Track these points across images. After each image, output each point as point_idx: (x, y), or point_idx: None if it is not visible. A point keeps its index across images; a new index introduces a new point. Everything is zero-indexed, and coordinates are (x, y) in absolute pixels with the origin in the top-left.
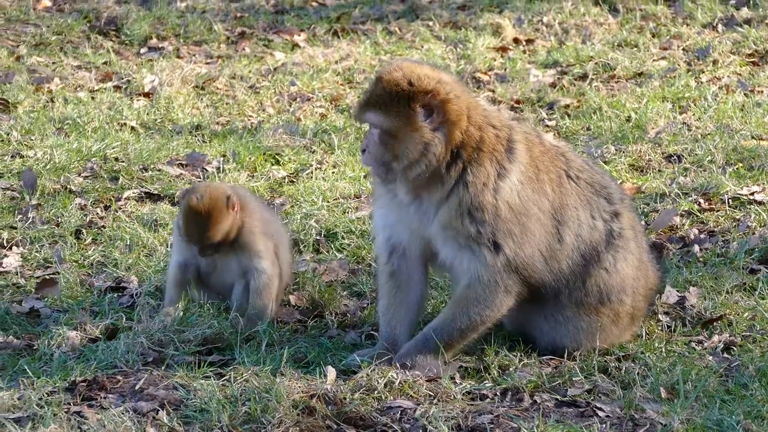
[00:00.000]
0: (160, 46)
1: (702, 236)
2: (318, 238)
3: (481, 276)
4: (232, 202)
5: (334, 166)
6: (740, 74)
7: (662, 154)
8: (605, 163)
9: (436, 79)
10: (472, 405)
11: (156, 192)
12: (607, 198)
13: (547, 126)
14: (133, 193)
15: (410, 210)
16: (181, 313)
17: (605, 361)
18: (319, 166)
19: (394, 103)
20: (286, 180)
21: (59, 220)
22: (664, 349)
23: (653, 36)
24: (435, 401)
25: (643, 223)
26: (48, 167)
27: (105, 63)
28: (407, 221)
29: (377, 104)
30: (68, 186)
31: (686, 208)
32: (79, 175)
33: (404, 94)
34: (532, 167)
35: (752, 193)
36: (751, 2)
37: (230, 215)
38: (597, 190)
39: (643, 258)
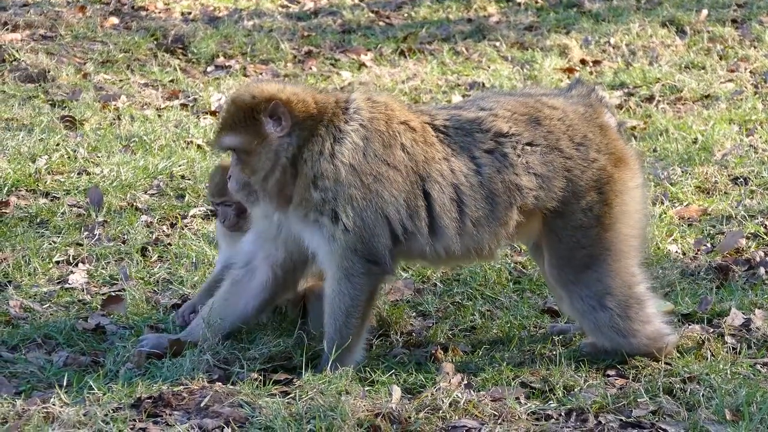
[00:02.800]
0: (226, 64)
1: None
2: None
3: (329, 253)
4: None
5: None
6: None
7: (728, 176)
8: (672, 185)
9: (278, 89)
10: (536, 425)
11: None
12: (480, 126)
13: None
14: (199, 210)
15: (280, 219)
16: None
17: (670, 382)
18: None
19: (242, 119)
20: None
21: (125, 237)
22: (729, 371)
23: (720, 58)
24: (499, 421)
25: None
26: (114, 184)
27: (172, 81)
28: (276, 232)
29: (229, 126)
30: (134, 203)
31: (752, 231)
32: (146, 192)
33: (248, 108)
34: (379, 121)
35: None
36: None
37: None
38: (468, 130)
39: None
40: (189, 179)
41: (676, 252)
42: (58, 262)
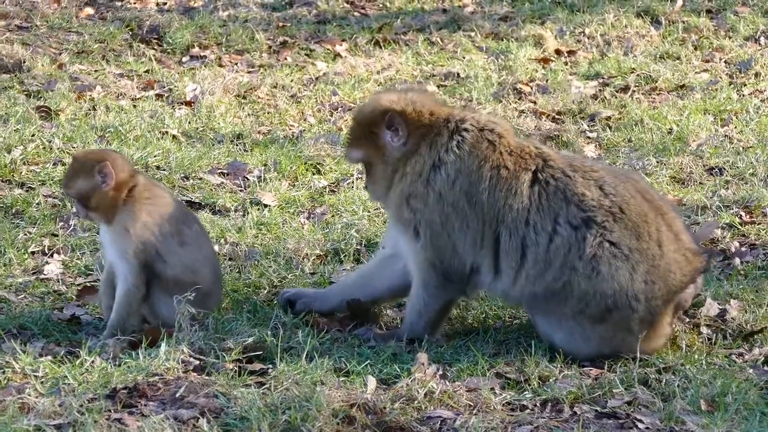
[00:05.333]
0: (202, 54)
1: (743, 249)
2: (358, 247)
3: (413, 262)
4: (103, 169)
5: None
6: None
7: (704, 166)
8: (647, 175)
9: (394, 99)
10: (511, 416)
11: (197, 200)
12: (579, 205)
13: (588, 138)
14: None
15: None
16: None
17: (645, 372)
18: (359, 176)
19: (362, 133)
20: (327, 190)
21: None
22: (704, 362)
23: (695, 48)
24: (475, 411)
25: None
26: None
27: (147, 71)
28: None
29: (352, 140)
30: None
31: (727, 221)
32: None
33: (367, 122)
34: (476, 159)
35: None
36: None
37: (93, 178)
38: (567, 197)
39: (657, 263)
40: (164, 170)
41: None
42: (33, 253)
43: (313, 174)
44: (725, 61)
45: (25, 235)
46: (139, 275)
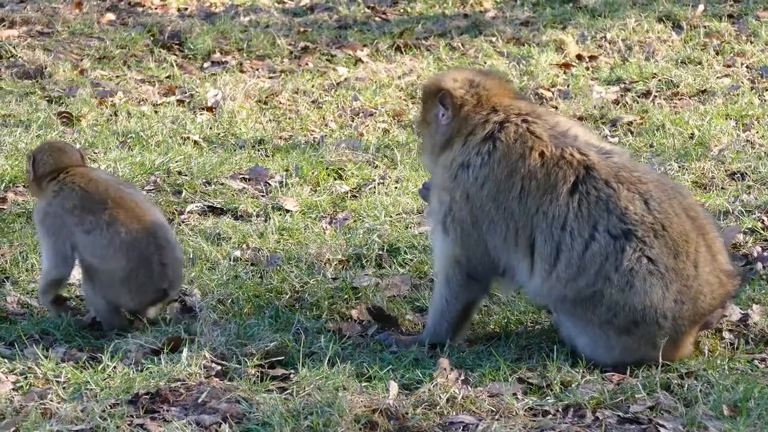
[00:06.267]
0: (223, 60)
1: (765, 254)
2: (380, 253)
3: (439, 257)
4: (34, 160)
5: (397, 181)
6: None
7: (725, 171)
8: None
9: (456, 79)
10: (534, 421)
11: (219, 206)
12: (621, 217)
13: (610, 143)
14: (196, 206)
15: None
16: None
17: (668, 378)
18: (381, 181)
19: (424, 102)
20: (349, 195)
21: None
22: (726, 367)
23: (717, 53)
24: (497, 417)
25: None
26: None
27: (168, 77)
28: None
29: (421, 104)
30: None
31: (749, 226)
32: (143, 188)
33: (429, 93)
34: (506, 165)
35: None
36: None
37: (29, 168)
38: (609, 208)
39: (689, 284)
40: (186, 175)
41: None
42: None
43: (335, 179)
44: (747, 66)
45: None
46: (56, 255)
